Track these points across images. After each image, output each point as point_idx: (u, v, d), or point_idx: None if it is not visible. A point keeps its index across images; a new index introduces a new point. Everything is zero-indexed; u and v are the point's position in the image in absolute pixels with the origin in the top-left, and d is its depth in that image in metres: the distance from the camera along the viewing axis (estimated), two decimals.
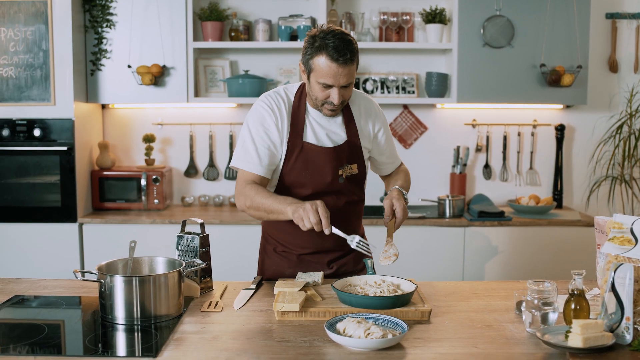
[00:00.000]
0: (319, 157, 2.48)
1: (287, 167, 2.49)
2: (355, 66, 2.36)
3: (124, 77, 4.32)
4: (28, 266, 4.15)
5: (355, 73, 2.39)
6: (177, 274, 2.16)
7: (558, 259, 4.19)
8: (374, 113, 2.59)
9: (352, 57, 2.32)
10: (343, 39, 2.30)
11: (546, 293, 1.96)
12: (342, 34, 2.32)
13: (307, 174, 2.48)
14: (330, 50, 2.28)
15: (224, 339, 1.92)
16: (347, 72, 2.32)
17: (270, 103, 2.49)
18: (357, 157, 2.55)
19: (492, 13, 4.29)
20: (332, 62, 2.29)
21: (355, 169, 2.53)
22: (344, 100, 2.40)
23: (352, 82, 2.37)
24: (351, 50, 2.31)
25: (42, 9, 4.04)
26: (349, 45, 2.30)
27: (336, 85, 2.34)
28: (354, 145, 2.53)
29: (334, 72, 2.31)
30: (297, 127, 2.48)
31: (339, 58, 2.28)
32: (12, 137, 4.14)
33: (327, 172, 2.48)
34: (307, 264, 2.60)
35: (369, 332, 1.83)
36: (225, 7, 4.54)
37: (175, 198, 4.75)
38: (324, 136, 2.50)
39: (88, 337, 1.98)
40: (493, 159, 4.76)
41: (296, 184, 2.51)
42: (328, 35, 2.30)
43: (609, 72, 4.69)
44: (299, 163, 2.48)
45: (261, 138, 2.46)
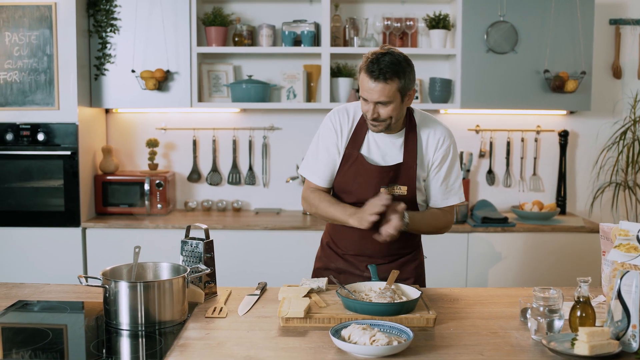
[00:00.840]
0: (366, 172, 2.56)
1: (340, 173, 2.62)
2: (395, 88, 2.37)
3: (128, 82, 4.32)
4: (31, 270, 4.14)
5: (398, 95, 2.40)
6: (181, 280, 2.15)
7: (561, 265, 4.18)
8: (439, 141, 2.57)
9: (387, 75, 2.35)
10: (386, 57, 2.36)
11: (552, 300, 1.95)
12: (389, 55, 2.37)
13: (354, 184, 2.58)
14: (369, 64, 2.38)
15: (229, 345, 1.92)
16: (379, 89, 2.36)
17: (335, 120, 2.62)
18: (410, 179, 2.56)
19: (496, 19, 4.29)
20: (367, 76, 2.38)
21: (404, 191, 2.55)
22: (381, 117, 2.43)
23: (389, 102, 2.39)
24: (387, 69, 2.35)
25: (47, 13, 4.05)
26: (389, 64, 2.35)
27: (369, 100, 2.41)
28: (407, 168, 2.55)
29: (367, 87, 2.39)
30: (356, 140, 2.59)
31: (372, 72, 2.36)
32: (16, 141, 4.14)
33: (371, 187, 2.55)
34: (350, 263, 2.69)
35: (375, 339, 1.83)
36: (229, 12, 4.55)
37: (178, 203, 4.75)
38: (379, 155, 2.57)
39: (92, 343, 1.98)
40: (496, 164, 4.75)
41: (344, 191, 2.63)
42: (376, 53, 2.39)
43: (612, 78, 4.69)
44: (350, 172, 2.59)
45: (326, 152, 2.63)
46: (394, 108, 2.42)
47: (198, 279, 2.36)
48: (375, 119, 2.44)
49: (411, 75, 2.42)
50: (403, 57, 2.40)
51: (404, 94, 2.42)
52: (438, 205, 2.65)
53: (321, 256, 2.83)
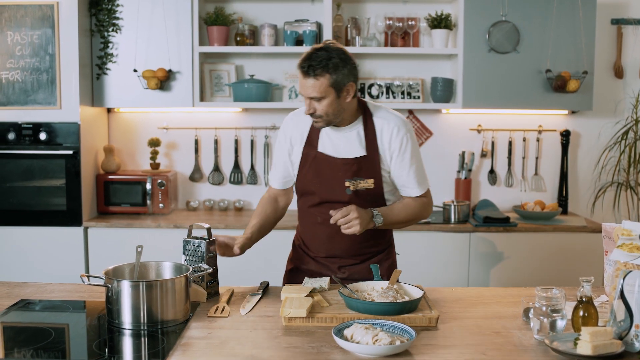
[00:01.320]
0: (329, 168, 2.55)
1: (300, 175, 2.62)
2: (327, 83, 2.37)
3: (130, 81, 4.32)
4: (33, 270, 4.15)
5: (331, 90, 2.39)
6: (184, 279, 2.16)
7: (563, 265, 4.18)
8: (393, 130, 2.54)
9: (316, 71, 2.35)
10: (318, 53, 2.37)
11: (554, 300, 1.95)
12: (323, 50, 2.38)
13: (316, 182, 2.57)
14: (301, 60, 2.40)
15: (231, 345, 1.92)
16: (311, 84, 2.37)
17: (286, 124, 2.69)
18: (374, 172, 2.54)
19: (498, 18, 4.29)
20: (299, 72, 2.40)
21: (371, 184, 2.52)
22: (317, 113, 2.43)
23: (322, 97, 2.39)
24: (317, 65, 2.34)
25: (49, 13, 4.05)
26: (320, 60, 2.35)
27: (303, 95, 2.42)
28: (371, 161, 2.54)
29: (300, 83, 2.42)
30: (312, 138, 2.58)
31: (302, 68, 2.38)
32: (18, 140, 4.14)
33: (334, 183, 2.54)
34: (322, 265, 2.69)
35: (377, 339, 1.83)
36: (231, 11, 4.55)
37: (180, 202, 4.75)
38: (339, 149, 2.55)
39: (94, 342, 1.99)
40: (498, 164, 4.75)
41: (307, 192, 2.63)
42: (313, 48, 2.40)
43: (614, 77, 4.69)
44: (310, 172, 2.58)
45: (277, 156, 2.72)
46: (329, 104, 2.41)
47: (200, 278, 2.36)
48: (312, 115, 2.45)
49: (345, 70, 2.39)
50: (337, 53, 2.38)
51: (338, 89, 2.40)
52: (409, 194, 2.62)
53: (293, 257, 2.84)
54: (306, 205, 2.66)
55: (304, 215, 2.72)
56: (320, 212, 2.59)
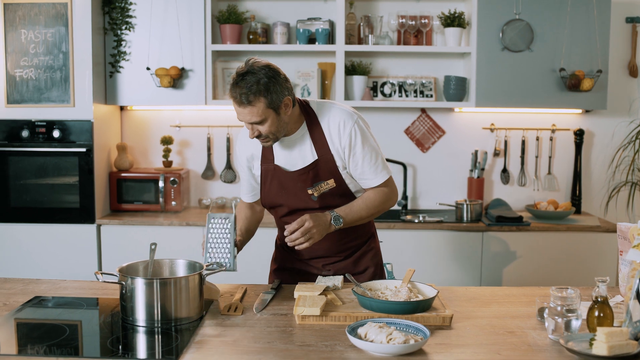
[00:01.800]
0: (289, 180, 2.55)
1: (264, 190, 2.63)
2: (263, 106, 2.33)
3: (143, 79, 4.33)
4: (46, 266, 4.17)
5: (270, 111, 2.35)
6: (198, 277, 2.16)
7: (577, 265, 4.16)
8: (339, 126, 2.49)
9: (250, 98, 2.30)
10: (246, 79, 2.31)
11: (569, 300, 1.94)
12: (247, 74, 2.31)
13: (282, 195, 2.57)
14: (230, 89, 2.34)
15: (245, 343, 1.92)
16: (247, 111, 2.34)
17: (240, 141, 2.69)
18: (332, 172, 2.51)
19: (512, 17, 4.27)
20: (234, 102, 2.35)
21: (332, 183, 2.50)
22: (263, 134, 2.41)
23: (262, 120, 2.36)
24: (248, 92, 2.30)
25: (62, 11, 4.07)
26: (249, 86, 2.30)
27: (244, 122, 2.40)
28: (325, 162, 2.51)
29: (237, 110, 2.38)
30: (266, 154, 2.59)
31: (235, 98, 2.33)
32: (32, 138, 4.16)
33: (298, 192, 2.54)
34: (306, 264, 2.71)
35: (391, 337, 1.82)
36: (244, 10, 4.55)
37: (192, 200, 4.76)
38: (293, 160, 2.54)
39: (109, 339, 1.99)
40: (511, 163, 4.73)
41: (274, 205, 2.64)
42: (235, 77, 2.34)
43: (629, 76, 4.66)
44: (273, 185, 2.58)
45: (242, 172, 2.74)
46: (271, 124, 2.38)
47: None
48: (258, 137, 2.43)
49: (277, 87, 2.33)
50: (264, 72, 2.31)
51: (276, 108, 2.36)
52: (369, 186, 2.57)
53: (276, 257, 2.85)
54: (278, 215, 2.68)
55: (279, 224, 2.74)
56: (293, 220, 2.50)
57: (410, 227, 4.14)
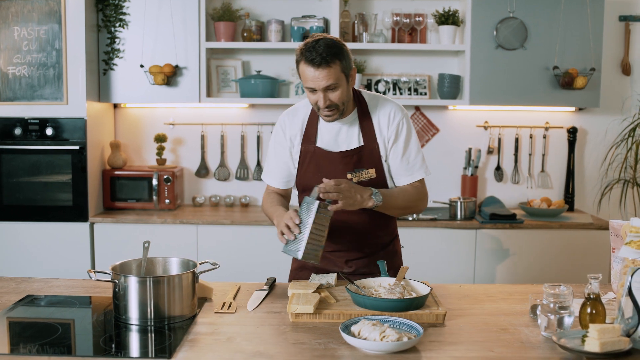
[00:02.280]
0: (329, 162, 2.53)
1: (301, 172, 2.60)
2: (339, 69, 2.37)
3: (136, 77, 4.32)
4: (39, 265, 4.16)
5: (342, 77, 2.39)
6: (191, 275, 2.16)
7: (570, 262, 4.17)
8: (389, 116, 2.55)
9: (327, 59, 2.33)
10: (320, 43, 2.34)
11: (562, 297, 1.94)
12: (321, 39, 2.36)
13: (318, 177, 2.53)
14: (306, 54, 2.35)
15: (238, 341, 1.92)
16: (325, 74, 2.34)
17: (283, 122, 2.65)
18: (374, 161, 2.53)
19: (506, 15, 4.28)
20: (308, 66, 2.35)
21: (373, 173, 2.51)
22: (334, 104, 2.41)
23: (336, 84, 2.38)
24: (325, 53, 2.32)
25: (56, 8, 4.05)
26: (326, 48, 2.33)
27: (317, 88, 2.38)
28: (370, 150, 2.53)
29: (312, 76, 2.36)
30: (309, 134, 2.57)
31: (313, 60, 2.33)
32: (25, 136, 4.15)
33: (337, 176, 2.50)
34: (328, 261, 2.63)
35: (385, 335, 1.82)
36: (238, 7, 4.54)
37: (186, 198, 4.75)
38: (338, 142, 2.55)
39: (101, 338, 1.98)
40: (505, 161, 4.74)
41: (308, 187, 2.58)
42: (308, 43, 2.37)
43: (622, 74, 4.67)
44: (311, 167, 2.56)
45: (276, 154, 2.67)
46: (343, 90, 2.41)
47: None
48: (328, 107, 2.42)
49: (348, 54, 2.41)
50: (335, 41, 2.38)
51: (347, 74, 2.41)
52: (403, 182, 2.59)
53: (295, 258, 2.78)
54: None
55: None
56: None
57: (404, 225, 4.14)
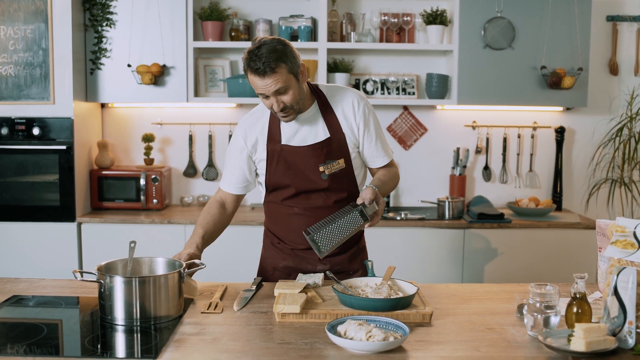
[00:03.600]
0: (298, 157, 2.53)
1: (270, 171, 2.58)
2: (285, 72, 2.34)
3: (124, 77, 4.30)
4: (26, 265, 4.13)
5: (291, 77, 2.37)
6: (177, 275, 2.15)
7: (557, 262, 4.19)
8: (353, 105, 2.55)
9: (272, 65, 2.31)
10: (262, 50, 2.32)
11: (548, 296, 1.95)
12: (264, 45, 2.32)
13: (289, 175, 2.55)
14: (250, 63, 2.33)
15: (224, 341, 1.91)
16: (271, 80, 2.33)
17: (242, 127, 2.63)
18: (342, 151, 2.54)
19: (493, 15, 4.29)
20: (254, 75, 2.34)
21: (342, 163, 2.53)
22: (287, 105, 2.41)
23: (287, 87, 2.36)
24: (268, 60, 2.30)
25: (42, 7, 4.03)
26: (268, 54, 2.30)
27: (268, 93, 2.38)
28: (337, 141, 2.53)
29: (260, 85, 2.36)
30: (273, 134, 2.56)
31: (257, 69, 2.32)
32: (11, 135, 4.12)
33: (308, 171, 2.53)
34: (301, 259, 2.65)
35: (371, 335, 1.82)
36: (226, 6, 4.53)
37: (174, 198, 4.73)
38: (304, 137, 2.54)
39: (87, 338, 1.97)
40: (493, 160, 4.75)
41: (280, 186, 2.60)
42: (252, 50, 2.34)
43: (609, 74, 4.69)
44: (280, 166, 2.56)
45: (229, 161, 2.70)
46: (294, 92, 2.40)
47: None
48: (282, 110, 2.42)
49: (293, 54, 2.38)
50: (277, 41, 2.36)
51: (296, 74, 2.40)
52: (379, 164, 2.63)
53: (266, 257, 2.77)
54: (279, 198, 2.63)
55: (277, 210, 2.67)
56: (297, 203, 2.58)
57: (392, 225, 4.14)
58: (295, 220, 2.61)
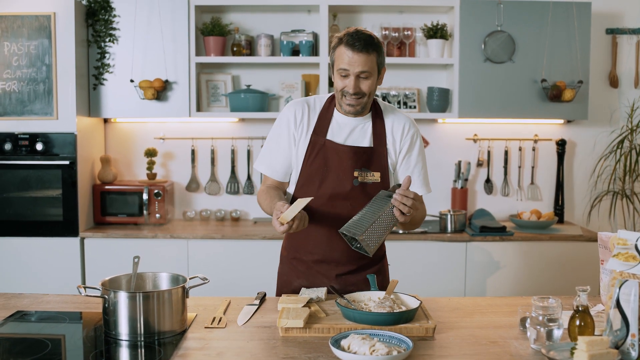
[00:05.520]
0: (337, 156, 2.52)
1: (307, 163, 2.55)
2: (374, 60, 2.42)
3: (127, 92, 4.33)
4: (29, 280, 4.14)
5: (375, 68, 2.44)
6: (181, 290, 2.15)
7: (560, 274, 4.19)
8: (404, 126, 2.57)
9: (368, 46, 2.39)
10: (362, 32, 2.42)
11: (551, 309, 1.95)
12: (363, 30, 2.43)
13: (323, 171, 2.53)
14: (347, 37, 2.41)
15: (228, 356, 1.92)
16: (362, 60, 2.39)
17: (291, 111, 2.60)
18: (381, 165, 2.54)
19: (493, 28, 4.31)
20: (347, 49, 2.39)
21: (377, 177, 2.52)
22: (362, 92, 2.44)
23: (369, 73, 2.42)
24: (367, 41, 2.40)
25: (46, 23, 4.06)
26: (368, 37, 2.41)
27: (352, 71, 2.41)
28: (378, 153, 2.54)
29: (349, 59, 2.40)
30: (321, 126, 2.56)
31: (354, 44, 2.38)
32: (15, 151, 4.14)
33: (342, 172, 2.51)
34: (315, 277, 2.61)
35: (374, 349, 1.83)
36: (228, 22, 4.56)
37: (176, 213, 4.75)
38: (349, 138, 2.55)
39: (91, 353, 1.98)
40: (494, 173, 4.76)
41: (312, 181, 2.55)
42: (350, 31, 2.43)
43: (609, 87, 4.71)
44: (318, 160, 2.53)
45: (280, 144, 2.60)
46: (373, 82, 2.45)
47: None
48: (356, 94, 2.44)
49: (384, 51, 2.48)
50: (373, 35, 2.45)
51: (380, 68, 2.47)
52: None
53: (282, 273, 2.73)
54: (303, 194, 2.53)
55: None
56: (321, 206, 2.50)
57: (394, 238, 4.15)
58: (314, 230, 2.54)
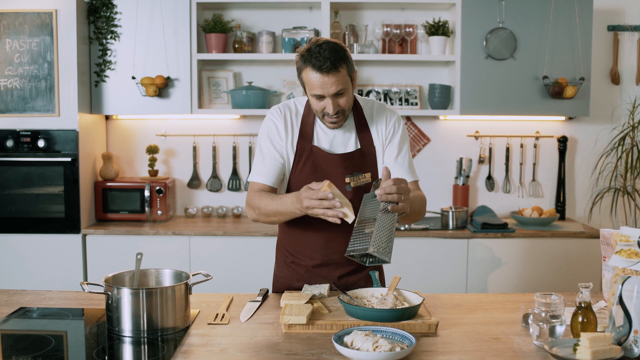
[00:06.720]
0: (326, 163, 2.47)
1: (296, 170, 2.50)
2: (346, 73, 2.32)
3: (128, 89, 4.33)
4: (31, 277, 4.14)
5: (349, 80, 2.35)
6: (184, 286, 2.16)
7: (561, 271, 4.19)
8: (387, 118, 2.53)
9: (335, 63, 2.27)
10: (326, 48, 2.28)
11: (553, 306, 1.96)
12: (325, 44, 2.30)
13: (313, 179, 2.45)
14: (313, 61, 2.28)
15: (232, 352, 1.92)
16: (334, 80, 2.29)
17: (277, 114, 2.52)
18: (370, 166, 2.51)
19: (495, 25, 4.31)
20: (316, 72, 2.28)
21: (368, 177, 2.45)
22: (342, 109, 2.37)
23: (345, 89, 2.33)
24: (333, 57, 2.27)
25: (47, 20, 4.06)
26: (331, 52, 2.27)
27: (326, 94, 2.33)
28: (367, 154, 2.51)
29: (320, 82, 2.30)
30: (306, 132, 2.49)
31: (322, 67, 2.27)
32: (16, 148, 4.14)
33: (333, 180, 2.41)
34: (315, 280, 2.58)
35: (377, 345, 1.83)
36: (229, 19, 4.56)
37: (178, 209, 4.75)
38: (334, 144, 2.50)
39: (94, 350, 1.98)
40: (496, 170, 4.76)
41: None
42: (312, 47, 2.30)
43: (611, 84, 4.71)
44: (307, 167, 2.49)
45: (268, 150, 2.50)
46: (349, 93, 2.37)
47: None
48: (337, 113, 2.36)
49: (350, 56, 2.36)
50: (335, 42, 2.33)
51: (352, 78, 2.37)
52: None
53: (280, 275, 2.67)
54: None
55: (293, 221, 2.50)
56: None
57: (396, 235, 4.14)
58: (311, 235, 2.53)
